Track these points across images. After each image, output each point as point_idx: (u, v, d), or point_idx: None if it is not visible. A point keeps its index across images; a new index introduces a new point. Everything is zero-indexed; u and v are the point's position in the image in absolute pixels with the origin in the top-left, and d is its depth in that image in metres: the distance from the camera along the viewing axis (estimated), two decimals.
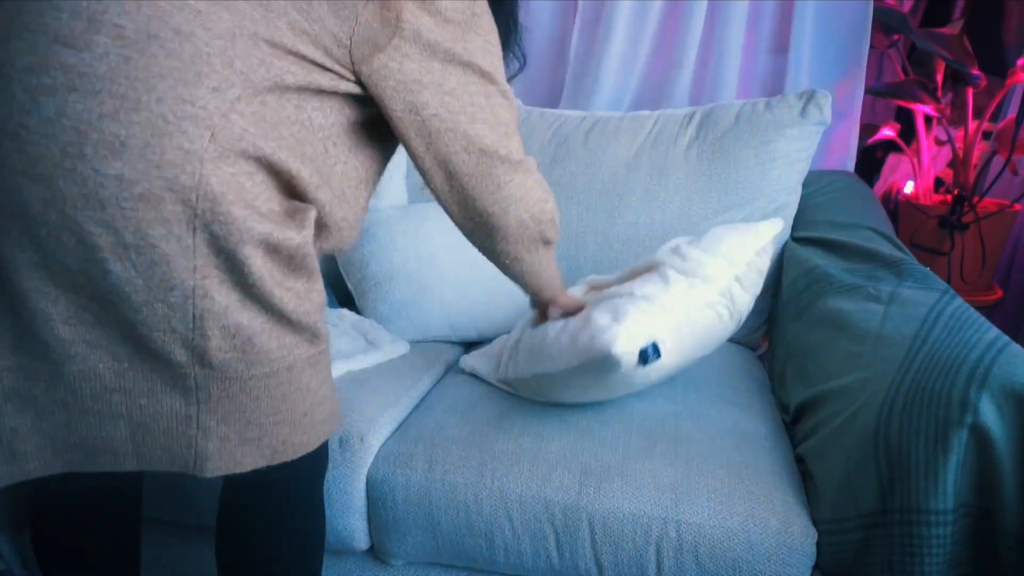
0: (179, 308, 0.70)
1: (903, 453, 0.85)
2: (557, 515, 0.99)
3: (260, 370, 0.75)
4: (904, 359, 0.90)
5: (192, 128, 0.67)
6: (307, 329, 0.78)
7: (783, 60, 1.74)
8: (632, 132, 1.53)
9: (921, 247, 1.92)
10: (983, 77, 1.75)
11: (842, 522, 0.91)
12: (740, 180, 1.44)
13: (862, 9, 1.67)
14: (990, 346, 0.85)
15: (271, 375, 0.76)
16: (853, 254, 1.28)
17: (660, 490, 0.98)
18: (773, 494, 0.97)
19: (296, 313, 0.76)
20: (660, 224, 1.46)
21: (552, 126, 1.59)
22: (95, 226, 0.66)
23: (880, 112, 2.13)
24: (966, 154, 1.88)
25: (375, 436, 1.09)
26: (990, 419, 0.80)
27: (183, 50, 0.67)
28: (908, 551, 0.85)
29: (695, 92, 1.80)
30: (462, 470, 1.03)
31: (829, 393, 1.02)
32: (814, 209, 1.50)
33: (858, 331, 1.04)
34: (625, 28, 1.75)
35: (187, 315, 0.70)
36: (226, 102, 0.69)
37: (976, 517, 0.84)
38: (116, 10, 0.66)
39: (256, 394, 0.76)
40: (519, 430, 1.08)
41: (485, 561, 1.05)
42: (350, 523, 1.08)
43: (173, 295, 0.69)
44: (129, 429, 0.75)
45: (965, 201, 1.86)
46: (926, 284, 1.09)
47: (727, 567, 0.95)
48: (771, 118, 1.44)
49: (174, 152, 0.66)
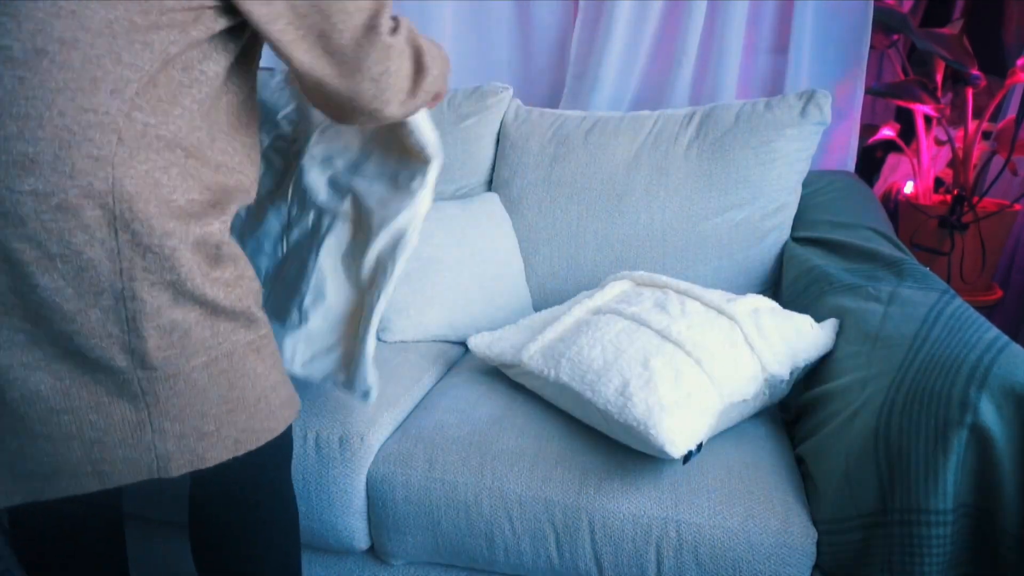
0: (111, 311, 0.70)
1: (903, 453, 0.85)
2: (557, 515, 0.99)
3: (199, 360, 0.76)
4: (904, 359, 0.91)
5: (98, 135, 0.68)
6: (241, 314, 0.79)
7: (783, 60, 1.74)
8: (632, 132, 1.53)
9: (921, 247, 1.92)
10: (983, 77, 1.75)
11: (842, 522, 0.91)
12: (740, 180, 1.44)
13: (862, 9, 1.67)
14: (990, 346, 0.85)
15: (211, 363, 0.77)
16: (853, 254, 1.28)
17: (660, 490, 0.98)
18: (773, 494, 0.97)
19: (228, 300, 0.77)
20: (660, 224, 1.46)
21: (552, 126, 1.59)
22: (18, 242, 0.67)
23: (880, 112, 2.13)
24: (966, 154, 1.88)
25: (375, 436, 1.09)
26: (990, 419, 0.80)
27: (72, 59, 0.67)
28: (908, 551, 0.85)
29: (695, 92, 1.80)
30: (462, 470, 1.03)
31: (829, 393, 1.02)
32: (814, 209, 1.50)
33: (858, 331, 1.04)
34: (625, 28, 1.75)
35: (120, 317, 0.71)
36: (126, 101, 0.69)
37: (976, 517, 0.84)
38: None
39: (202, 385, 0.76)
40: (519, 430, 1.08)
41: (485, 561, 1.05)
42: (350, 523, 1.08)
43: (103, 299, 0.70)
44: (83, 449, 0.74)
45: (965, 201, 1.86)
46: (926, 284, 1.09)
47: (727, 567, 0.95)
48: (771, 118, 1.45)
49: (84, 161, 0.67)
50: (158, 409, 0.75)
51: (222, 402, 0.78)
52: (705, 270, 1.45)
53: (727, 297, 1.14)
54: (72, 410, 0.73)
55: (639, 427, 0.93)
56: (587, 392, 1.02)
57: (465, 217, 1.49)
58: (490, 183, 1.65)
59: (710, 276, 1.45)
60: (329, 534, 1.09)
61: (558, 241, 1.51)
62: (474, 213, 1.50)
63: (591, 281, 1.48)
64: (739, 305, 1.10)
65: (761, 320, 1.09)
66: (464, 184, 1.63)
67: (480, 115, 1.62)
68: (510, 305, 1.46)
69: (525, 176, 1.56)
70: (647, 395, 0.95)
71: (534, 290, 1.53)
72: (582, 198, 1.50)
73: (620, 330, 1.07)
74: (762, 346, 1.05)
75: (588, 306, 1.19)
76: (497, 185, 1.61)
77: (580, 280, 1.50)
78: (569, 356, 1.07)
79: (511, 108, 1.67)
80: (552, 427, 1.09)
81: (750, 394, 1.03)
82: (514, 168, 1.58)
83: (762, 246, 1.45)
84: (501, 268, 1.48)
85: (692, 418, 0.94)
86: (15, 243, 0.67)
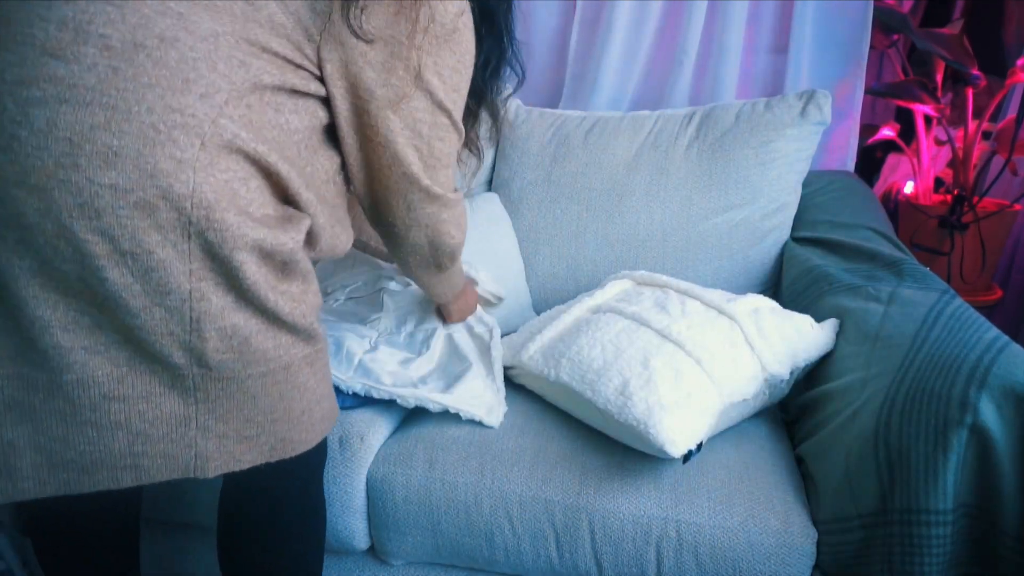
0: (176, 311, 0.70)
1: (903, 453, 0.85)
2: (557, 515, 0.99)
3: (257, 369, 0.76)
4: (904, 359, 0.91)
5: (183, 137, 0.68)
6: (303, 330, 0.79)
7: (783, 60, 1.74)
8: (632, 132, 1.53)
9: (921, 247, 1.92)
10: (983, 77, 1.75)
11: (842, 522, 0.91)
12: (740, 180, 1.44)
13: (862, 9, 1.67)
14: (990, 346, 0.85)
15: (268, 374, 0.77)
16: (853, 254, 1.28)
17: (660, 490, 0.98)
18: (773, 494, 0.97)
19: (291, 316, 0.77)
20: (660, 224, 1.46)
21: (552, 126, 1.59)
22: (91, 234, 0.66)
23: (880, 112, 2.13)
24: (966, 154, 1.88)
25: (375, 436, 1.09)
26: (990, 419, 0.80)
27: (169, 57, 0.68)
28: (908, 551, 0.85)
29: (695, 92, 1.80)
30: (462, 470, 1.03)
31: (829, 393, 1.02)
32: (814, 209, 1.50)
33: (858, 331, 1.04)
34: (625, 28, 1.75)
35: (184, 318, 0.71)
36: (215, 107, 0.69)
37: (976, 517, 0.84)
38: (102, 20, 0.66)
39: (253, 392, 0.76)
40: (519, 430, 1.08)
41: (485, 561, 1.05)
42: (350, 523, 1.08)
43: (170, 299, 0.70)
44: (127, 439, 0.74)
45: (965, 201, 1.86)
46: (926, 284, 1.09)
47: (727, 567, 0.95)
48: (771, 118, 1.44)
49: (167, 161, 0.67)
50: (207, 406, 0.75)
51: (269, 411, 0.78)
52: (705, 270, 1.45)
53: (727, 297, 1.14)
54: (124, 398, 0.73)
55: (639, 426, 0.93)
56: (587, 392, 1.02)
57: None
58: (490, 183, 1.65)
59: (710, 276, 1.45)
60: (329, 534, 1.09)
61: (558, 241, 1.51)
62: (474, 213, 1.50)
63: (591, 281, 1.48)
64: (739, 305, 1.10)
65: (761, 320, 1.09)
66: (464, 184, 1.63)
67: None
68: (510, 305, 1.46)
69: (525, 176, 1.56)
70: (647, 394, 0.95)
71: (534, 290, 1.53)
72: (582, 198, 1.50)
73: (620, 330, 1.07)
74: (762, 346, 1.05)
75: (588, 304, 1.19)
76: (497, 185, 1.61)
77: (580, 280, 1.50)
78: (569, 356, 1.07)
79: (511, 108, 1.67)
80: (552, 427, 1.09)
81: (750, 394, 1.03)
82: (514, 168, 1.58)
83: (762, 246, 1.45)
84: (501, 268, 1.48)
85: (692, 418, 0.94)
86: (88, 235, 0.66)
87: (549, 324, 1.18)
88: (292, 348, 0.78)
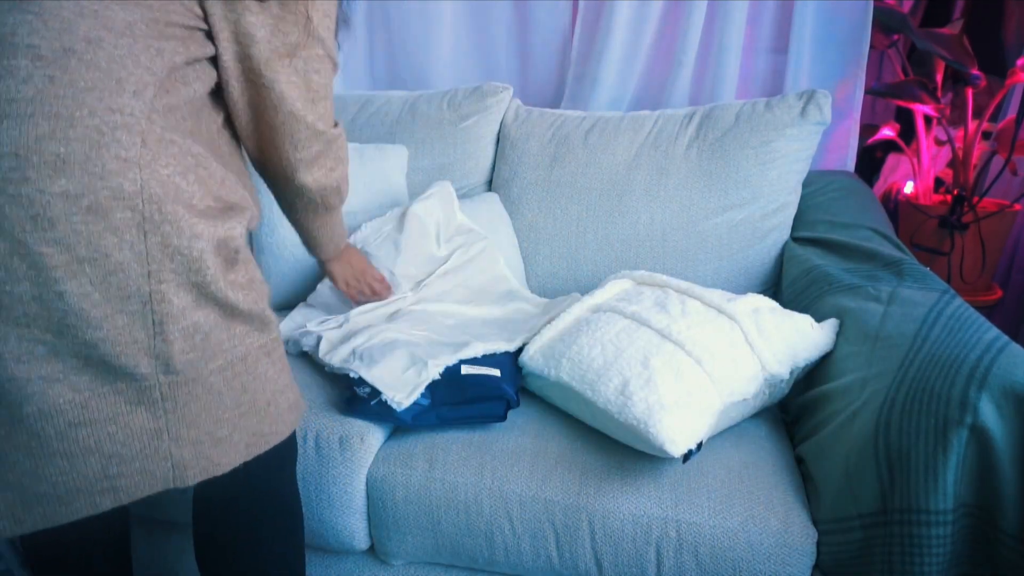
0: (138, 316, 0.70)
1: (903, 453, 0.85)
2: (557, 515, 0.99)
3: (216, 363, 0.76)
4: (904, 359, 0.91)
5: (125, 136, 0.68)
6: (256, 317, 0.80)
7: (783, 60, 1.74)
8: (632, 132, 1.53)
9: (921, 247, 1.92)
10: (983, 77, 1.75)
11: (842, 522, 0.91)
12: (740, 180, 1.44)
13: (862, 9, 1.67)
14: (990, 346, 0.85)
15: (227, 367, 0.77)
16: (853, 254, 1.28)
17: (660, 490, 0.98)
18: (773, 494, 0.97)
19: (245, 303, 0.78)
20: (660, 224, 1.46)
21: (552, 126, 1.59)
22: (47, 246, 0.66)
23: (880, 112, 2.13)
24: (966, 154, 1.88)
25: (375, 436, 1.09)
26: (990, 419, 0.80)
27: (99, 58, 0.68)
28: (908, 551, 0.85)
29: (695, 92, 1.80)
30: (462, 470, 1.03)
31: (829, 393, 1.02)
32: (814, 209, 1.50)
33: (858, 331, 1.04)
34: (625, 28, 1.75)
35: (147, 322, 0.71)
36: (146, 104, 0.70)
37: (976, 517, 0.84)
38: (25, 30, 0.66)
39: (218, 389, 0.77)
40: (519, 430, 1.08)
41: (485, 561, 1.05)
42: (350, 523, 1.08)
43: (130, 304, 0.70)
44: (101, 463, 0.73)
45: (965, 201, 1.86)
46: (926, 284, 1.09)
47: (727, 567, 0.95)
48: (771, 118, 1.45)
49: (113, 162, 0.67)
50: (176, 415, 0.75)
51: (235, 406, 0.78)
52: (705, 270, 1.45)
53: (727, 296, 1.14)
54: (91, 422, 0.72)
55: (639, 426, 0.93)
56: (587, 391, 1.02)
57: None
58: (490, 183, 1.65)
59: (710, 276, 1.45)
60: (329, 534, 1.09)
61: (558, 241, 1.51)
62: (474, 213, 1.50)
63: (591, 281, 1.48)
64: (739, 304, 1.10)
65: (761, 320, 1.09)
66: (464, 184, 1.63)
67: (480, 115, 1.62)
68: None
69: (525, 176, 1.56)
70: (647, 394, 0.95)
71: (534, 290, 1.53)
72: (582, 198, 1.50)
73: (620, 329, 1.07)
74: (762, 346, 1.05)
75: (588, 304, 1.19)
76: (497, 185, 1.61)
77: (580, 280, 1.50)
78: (569, 356, 1.07)
79: (511, 108, 1.67)
80: (552, 427, 1.09)
81: (750, 394, 1.03)
82: (514, 168, 1.58)
83: (762, 246, 1.45)
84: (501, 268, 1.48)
85: (692, 417, 0.94)
86: (43, 247, 0.66)
87: (548, 323, 1.18)
88: (247, 338, 0.79)
